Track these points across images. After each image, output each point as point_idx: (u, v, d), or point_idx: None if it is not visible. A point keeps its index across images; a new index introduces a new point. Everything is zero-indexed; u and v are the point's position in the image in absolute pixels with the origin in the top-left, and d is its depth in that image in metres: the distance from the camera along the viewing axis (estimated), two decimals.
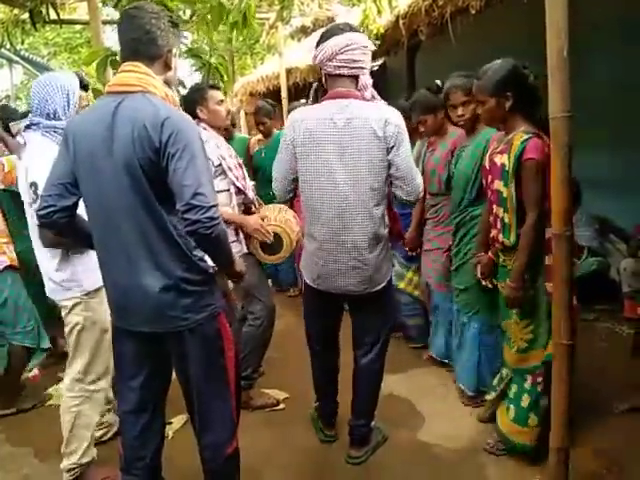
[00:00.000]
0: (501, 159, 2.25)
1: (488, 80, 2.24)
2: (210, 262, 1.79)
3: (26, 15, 3.99)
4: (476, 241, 2.66)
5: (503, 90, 2.21)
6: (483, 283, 2.57)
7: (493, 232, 2.40)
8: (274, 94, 6.60)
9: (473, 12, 3.22)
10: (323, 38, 2.12)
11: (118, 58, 2.73)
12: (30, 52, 12.14)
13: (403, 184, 2.15)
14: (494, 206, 2.35)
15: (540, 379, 2.28)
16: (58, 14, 4.08)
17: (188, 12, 3.74)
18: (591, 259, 3.91)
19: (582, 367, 2.45)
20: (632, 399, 2.61)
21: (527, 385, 2.33)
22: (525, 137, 2.17)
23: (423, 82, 4.92)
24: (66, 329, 2.30)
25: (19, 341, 2.96)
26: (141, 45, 1.70)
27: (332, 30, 2.12)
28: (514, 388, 2.39)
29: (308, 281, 2.33)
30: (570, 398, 1.94)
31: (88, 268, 2.20)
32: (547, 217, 2.08)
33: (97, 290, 2.24)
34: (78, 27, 10.37)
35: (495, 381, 2.58)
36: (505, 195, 2.25)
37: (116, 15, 4.99)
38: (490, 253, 2.50)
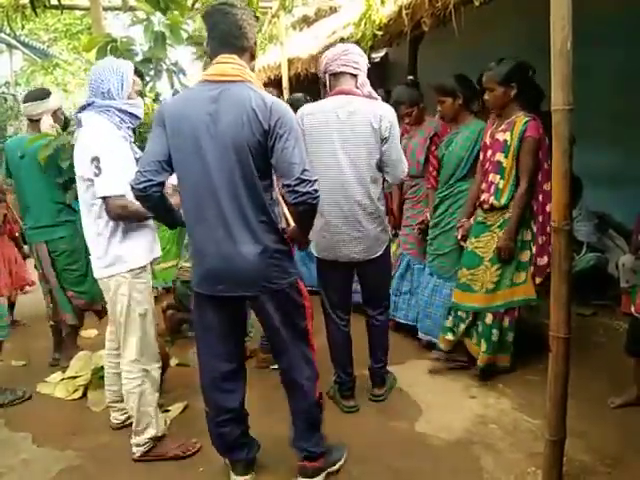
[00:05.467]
0: (503, 136, 2.78)
1: (497, 72, 2.76)
2: None
3: (26, 0, 3.96)
4: (463, 210, 3.13)
5: (509, 81, 2.73)
6: (461, 243, 3.09)
7: (484, 196, 2.89)
8: (275, 84, 6.57)
9: (477, 4, 3.19)
10: (326, 51, 2.57)
11: (118, 45, 2.71)
12: (30, 38, 12.05)
13: (389, 169, 2.54)
14: (491, 174, 2.85)
15: (505, 317, 2.89)
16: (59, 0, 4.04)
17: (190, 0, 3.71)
18: (590, 254, 3.91)
19: (579, 361, 2.46)
20: (627, 394, 2.63)
21: (488, 321, 2.89)
22: (526, 119, 2.72)
23: (425, 74, 4.91)
24: (115, 310, 2.33)
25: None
26: (234, 39, 1.90)
27: (333, 45, 2.59)
28: (480, 326, 2.93)
29: (316, 254, 2.66)
30: (566, 391, 1.95)
31: (135, 246, 2.30)
32: (539, 185, 2.77)
33: (141, 270, 2.33)
34: (79, 13, 10.28)
35: (449, 323, 3.05)
36: (505, 165, 2.78)
37: (116, 1, 4.94)
38: (472, 220, 3.02)
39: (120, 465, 2.41)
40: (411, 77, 3.63)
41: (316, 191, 1.84)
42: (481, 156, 3.00)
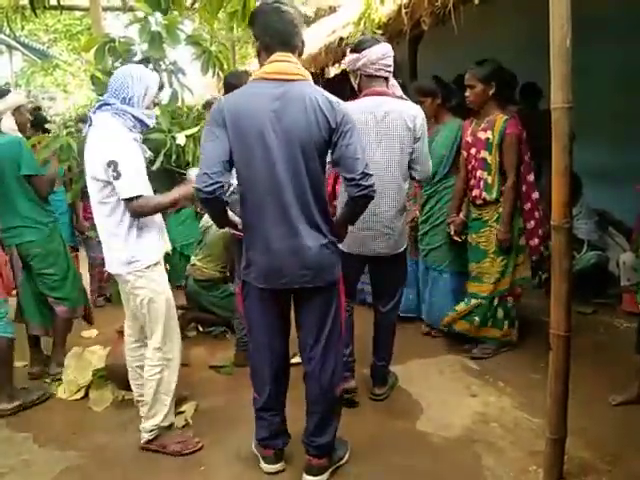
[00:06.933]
0: (485, 134, 3.02)
1: (479, 70, 2.99)
2: None
3: (26, 1, 3.97)
4: (450, 206, 3.35)
5: (489, 80, 2.96)
6: (455, 238, 3.30)
7: (475, 192, 3.12)
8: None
9: (476, 2, 3.19)
10: (365, 45, 2.52)
11: (117, 45, 2.71)
12: (30, 39, 12.05)
13: (419, 167, 2.62)
14: (478, 171, 3.08)
15: (509, 298, 3.18)
16: (58, 0, 4.05)
17: None
18: (590, 253, 3.90)
19: (580, 359, 2.45)
20: (627, 392, 2.63)
21: (495, 303, 3.17)
22: (505, 117, 2.98)
23: (425, 73, 4.90)
24: (135, 303, 2.40)
25: (1, 332, 2.81)
26: (290, 37, 1.96)
27: (371, 40, 2.56)
28: (485, 308, 3.17)
29: (344, 248, 2.64)
30: (567, 389, 1.95)
31: (149, 244, 2.37)
32: (522, 176, 3.03)
33: (156, 264, 2.40)
34: (78, 14, 10.28)
35: (463, 309, 3.25)
36: (489, 161, 3.02)
37: (116, 1, 4.95)
38: (462, 215, 3.27)
39: (121, 465, 2.41)
40: (400, 81, 3.82)
41: (374, 184, 1.96)
42: (464, 153, 3.22)
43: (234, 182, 2.07)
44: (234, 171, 2.00)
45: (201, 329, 3.95)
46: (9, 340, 2.88)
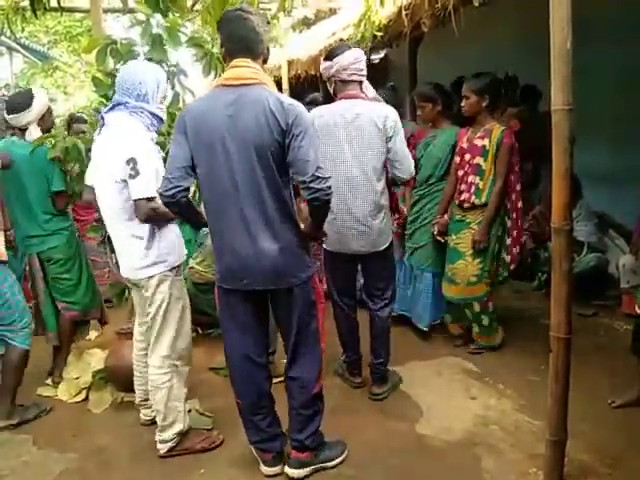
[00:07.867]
0: (482, 142, 3.16)
1: (474, 83, 3.14)
2: None
3: (26, 2, 3.97)
4: (438, 208, 3.47)
5: (483, 92, 3.12)
6: (438, 238, 3.43)
7: (464, 195, 3.23)
8: (275, 85, 6.57)
9: (476, 4, 3.20)
10: (336, 52, 2.62)
11: (119, 47, 2.71)
12: (30, 40, 12.05)
13: (398, 165, 2.69)
14: (471, 176, 3.21)
15: (489, 303, 3.26)
16: (59, 1, 4.05)
17: (190, 0, 3.71)
18: (590, 255, 3.90)
19: (579, 362, 2.45)
20: (628, 394, 2.63)
21: (477, 309, 3.25)
22: (502, 128, 3.15)
23: (425, 75, 4.91)
24: (151, 308, 2.35)
25: (20, 343, 2.75)
26: (252, 43, 1.99)
27: (342, 48, 2.66)
28: (469, 314, 3.30)
29: (327, 247, 2.81)
30: (567, 391, 1.95)
31: (172, 245, 2.36)
32: (511, 186, 3.17)
33: (179, 266, 2.40)
34: (79, 15, 10.28)
35: (450, 312, 3.44)
36: (484, 167, 3.16)
37: (116, 3, 4.95)
38: (446, 216, 3.38)
39: (120, 467, 2.41)
40: (392, 83, 4.17)
41: (329, 187, 1.94)
42: (457, 159, 3.34)
43: None
44: None
45: (200, 331, 3.94)
46: (26, 351, 2.81)
